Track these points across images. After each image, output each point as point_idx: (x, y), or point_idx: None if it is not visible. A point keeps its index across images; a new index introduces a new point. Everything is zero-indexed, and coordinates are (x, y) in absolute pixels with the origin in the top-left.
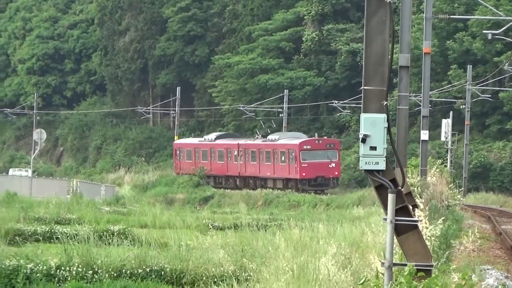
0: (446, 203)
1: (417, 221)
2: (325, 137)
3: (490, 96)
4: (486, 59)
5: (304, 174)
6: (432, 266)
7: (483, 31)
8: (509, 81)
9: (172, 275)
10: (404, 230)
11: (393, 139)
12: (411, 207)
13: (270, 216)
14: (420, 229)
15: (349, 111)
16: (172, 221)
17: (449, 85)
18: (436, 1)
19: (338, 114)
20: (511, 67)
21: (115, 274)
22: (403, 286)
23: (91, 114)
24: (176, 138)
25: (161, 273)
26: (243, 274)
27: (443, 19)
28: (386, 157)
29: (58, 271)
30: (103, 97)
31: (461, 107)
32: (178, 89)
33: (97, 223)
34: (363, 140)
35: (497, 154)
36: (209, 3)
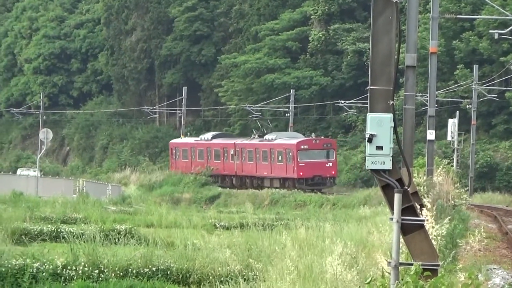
0: (452, 202)
1: (423, 220)
2: (323, 136)
3: (496, 96)
4: (493, 58)
5: (301, 174)
6: (438, 265)
7: (490, 31)
8: None
9: (178, 274)
10: (411, 229)
11: (400, 138)
12: (419, 206)
13: (276, 216)
14: (427, 229)
15: (355, 110)
16: (178, 220)
17: (456, 85)
18: (442, 0)
19: (345, 114)
20: None
21: (121, 274)
22: (409, 285)
23: (97, 113)
24: (182, 137)
25: (167, 272)
26: (249, 273)
27: (450, 18)
28: (392, 156)
29: (64, 270)
30: (110, 96)
31: (468, 106)
32: (185, 88)
33: (103, 223)
34: (370, 140)
35: (503, 154)
36: (215, 2)
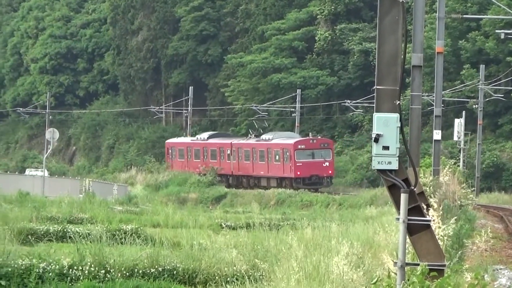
0: (459, 202)
1: (429, 220)
2: (319, 136)
3: (502, 95)
4: (499, 58)
5: (298, 173)
6: (444, 265)
7: (496, 31)
8: None
9: (184, 274)
10: (417, 229)
11: (406, 138)
12: (425, 206)
13: (283, 216)
14: (433, 229)
15: (361, 110)
16: (185, 220)
17: (462, 85)
18: (449, 0)
19: (351, 114)
20: None
21: (128, 274)
22: (416, 285)
23: (103, 113)
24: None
25: (173, 272)
26: (255, 273)
27: (456, 18)
28: (398, 156)
29: (71, 270)
30: (116, 96)
31: (474, 106)
32: (191, 88)
33: (109, 223)
34: (376, 140)
35: (509, 154)
36: (222, 2)
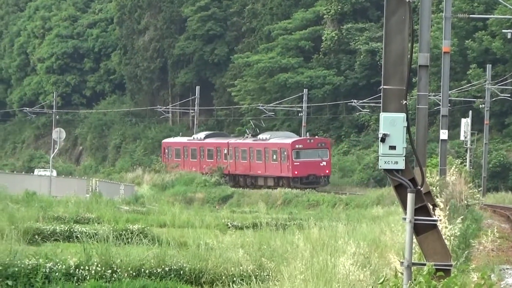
0: (465, 202)
1: (436, 220)
2: (316, 136)
3: (509, 95)
4: (506, 58)
5: (296, 172)
6: (451, 265)
7: (503, 30)
8: None
9: (191, 274)
10: (423, 229)
11: (413, 138)
12: (432, 206)
13: (289, 216)
14: (440, 229)
15: (368, 110)
16: (191, 220)
17: (469, 85)
18: (455, 0)
19: (357, 114)
20: None
21: (134, 274)
22: (422, 285)
23: (110, 113)
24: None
25: (180, 272)
26: (262, 273)
27: (463, 18)
28: (405, 156)
29: (77, 270)
30: (122, 96)
31: (481, 106)
32: (198, 88)
33: (116, 222)
34: (383, 140)
35: None
36: (228, 2)
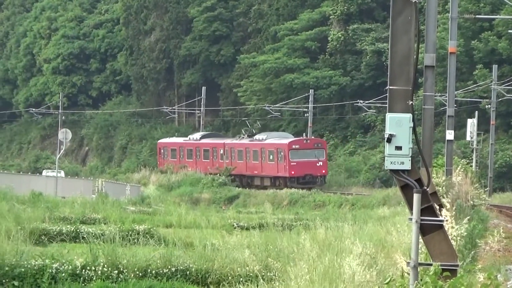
0: (472, 202)
1: (442, 220)
2: (313, 136)
3: None
4: None
5: (293, 172)
6: (457, 266)
7: (509, 31)
8: None
9: (197, 275)
10: (430, 230)
11: (419, 138)
12: (438, 207)
13: (296, 216)
14: (446, 229)
15: (374, 110)
16: (197, 221)
17: (475, 85)
18: (461, 0)
19: (364, 114)
20: None
21: (141, 274)
22: (429, 285)
23: (116, 113)
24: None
25: (186, 273)
26: (268, 274)
27: (469, 18)
28: (411, 156)
29: (84, 270)
30: (129, 96)
31: (487, 107)
32: (204, 88)
33: (122, 223)
34: (389, 140)
35: None
36: (234, 2)
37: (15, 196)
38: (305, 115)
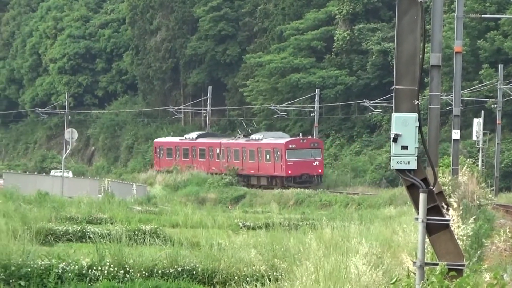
0: (478, 202)
1: (448, 220)
2: (309, 136)
3: None
4: None
5: (290, 172)
6: (463, 265)
7: None
8: None
9: (203, 274)
10: (436, 229)
11: (425, 138)
12: (445, 206)
13: (302, 216)
14: (453, 229)
15: (380, 110)
16: (204, 220)
17: (481, 84)
18: (467, 0)
19: (370, 114)
20: None
21: (147, 274)
22: (435, 285)
23: (122, 113)
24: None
25: (192, 272)
26: (274, 273)
27: (475, 18)
28: (417, 156)
29: (90, 270)
30: (135, 96)
31: (493, 106)
32: (210, 88)
33: (128, 223)
34: (395, 140)
35: None
36: (240, 2)
37: (22, 196)
38: (311, 114)
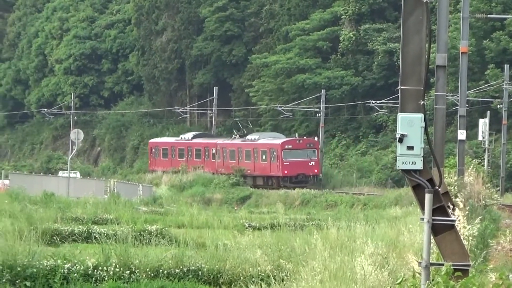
0: (483, 202)
1: (454, 220)
2: (305, 137)
3: None
4: None
5: (286, 172)
6: (469, 265)
7: None
8: None
9: (209, 275)
10: (441, 229)
11: (430, 138)
12: (451, 207)
13: (308, 216)
14: (458, 229)
15: (386, 110)
16: (210, 221)
17: (486, 85)
18: (473, 0)
19: (375, 114)
20: None
21: (152, 274)
22: (440, 285)
23: (128, 114)
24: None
25: (198, 273)
26: (280, 274)
27: (480, 18)
28: (423, 156)
29: (96, 271)
30: (140, 97)
31: (498, 106)
32: (215, 89)
33: (134, 223)
34: (400, 140)
35: None
36: (246, 3)
37: (27, 196)
38: (317, 115)
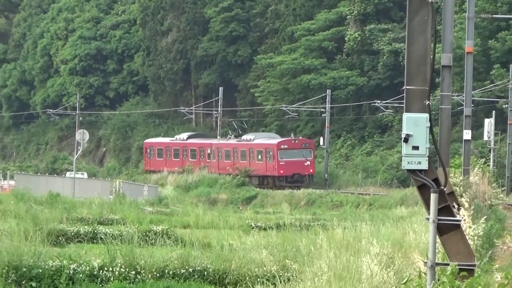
0: (489, 202)
1: (459, 220)
2: (301, 137)
3: None
4: None
5: (281, 172)
6: (474, 265)
7: None
8: None
9: (215, 275)
10: (447, 229)
11: (436, 138)
12: (456, 206)
13: (313, 216)
14: (464, 229)
15: (391, 110)
16: (215, 221)
17: (492, 85)
18: (478, 0)
19: (381, 114)
20: None
21: (158, 275)
22: (446, 285)
23: (133, 114)
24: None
25: (204, 273)
26: (285, 274)
27: (486, 18)
28: (428, 156)
29: (101, 271)
30: (146, 97)
31: (504, 106)
32: (221, 89)
33: (140, 224)
34: (406, 140)
35: None
36: (251, 3)
37: (33, 197)
38: (322, 115)
